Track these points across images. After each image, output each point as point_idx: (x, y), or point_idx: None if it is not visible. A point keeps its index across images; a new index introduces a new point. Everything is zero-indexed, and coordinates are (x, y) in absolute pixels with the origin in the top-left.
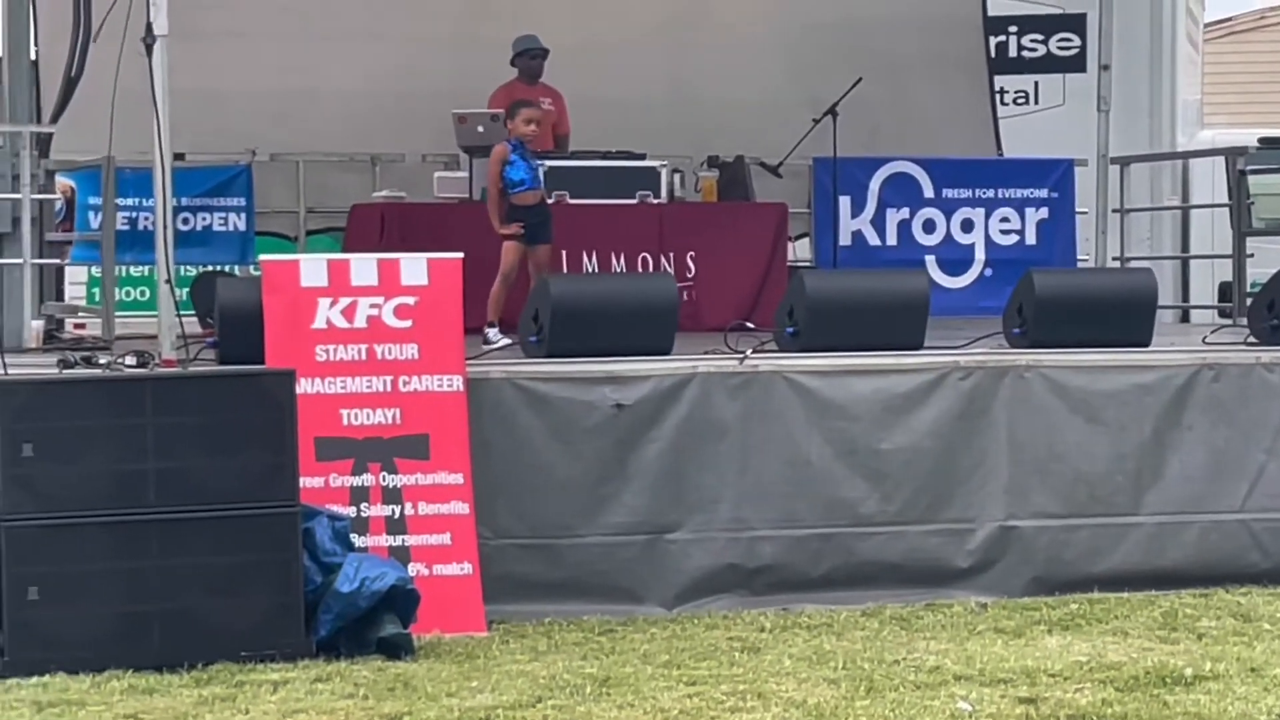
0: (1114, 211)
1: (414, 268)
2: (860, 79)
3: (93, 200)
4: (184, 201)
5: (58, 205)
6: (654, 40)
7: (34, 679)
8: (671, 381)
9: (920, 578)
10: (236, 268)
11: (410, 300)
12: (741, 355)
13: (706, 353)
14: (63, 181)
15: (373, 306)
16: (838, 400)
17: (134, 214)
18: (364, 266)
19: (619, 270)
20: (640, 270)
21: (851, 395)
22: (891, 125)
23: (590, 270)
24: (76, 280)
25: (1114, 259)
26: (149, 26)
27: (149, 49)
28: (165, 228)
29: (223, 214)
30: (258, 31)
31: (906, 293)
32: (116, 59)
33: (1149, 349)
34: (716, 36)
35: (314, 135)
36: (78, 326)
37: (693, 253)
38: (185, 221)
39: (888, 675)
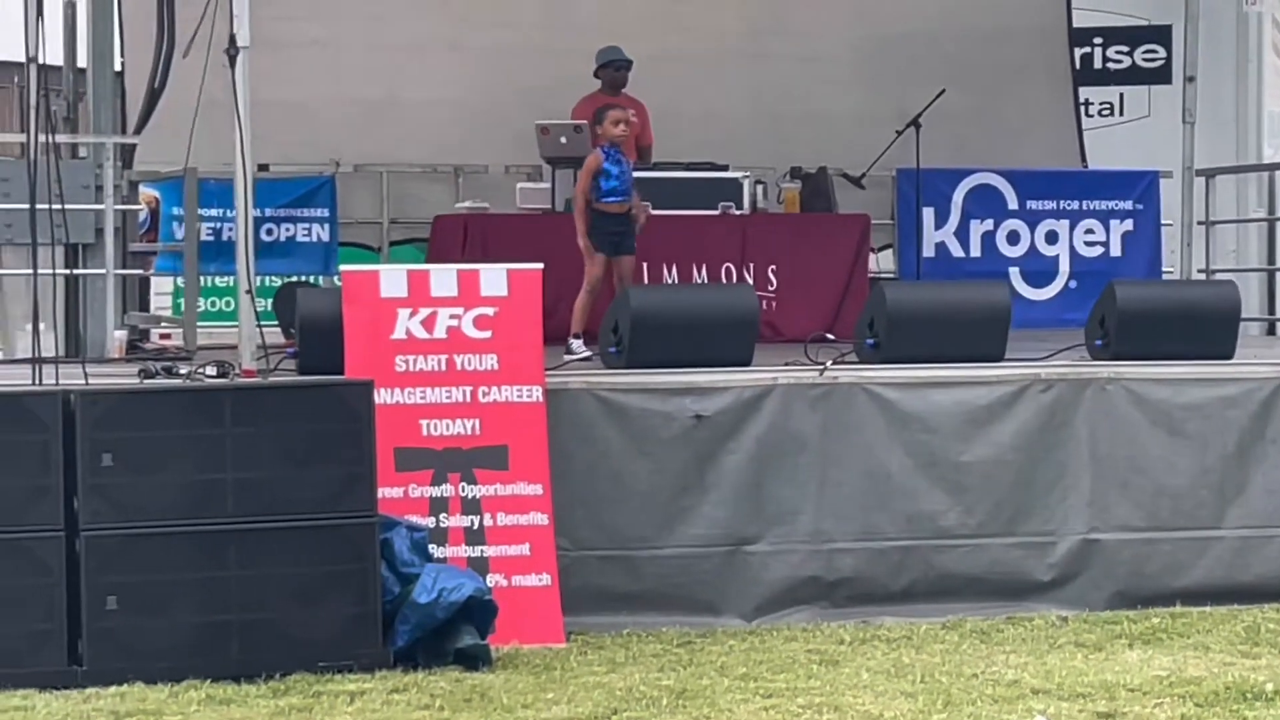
0: (1199, 224)
1: (494, 278)
2: (944, 90)
3: (176, 211)
4: (268, 212)
5: (142, 216)
6: (736, 51)
7: (112, 688)
8: (751, 393)
9: (1001, 591)
10: (320, 278)
11: (490, 311)
12: (822, 367)
13: (787, 364)
14: (147, 192)
15: (452, 317)
16: (918, 412)
17: (218, 225)
18: (444, 277)
19: (700, 281)
20: (722, 281)
21: (932, 407)
22: (976, 136)
23: (671, 281)
24: (162, 291)
25: (1199, 271)
26: (232, 38)
27: (232, 60)
28: (246, 238)
29: (306, 225)
30: (343, 41)
31: (988, 304)
32: (200, 70)
33: (1232, 361)
34: (799, 47)
35: (397, 145)
36: (163, 337)
37: (774, 265)
38: (269, 232)
39: (965, 689)
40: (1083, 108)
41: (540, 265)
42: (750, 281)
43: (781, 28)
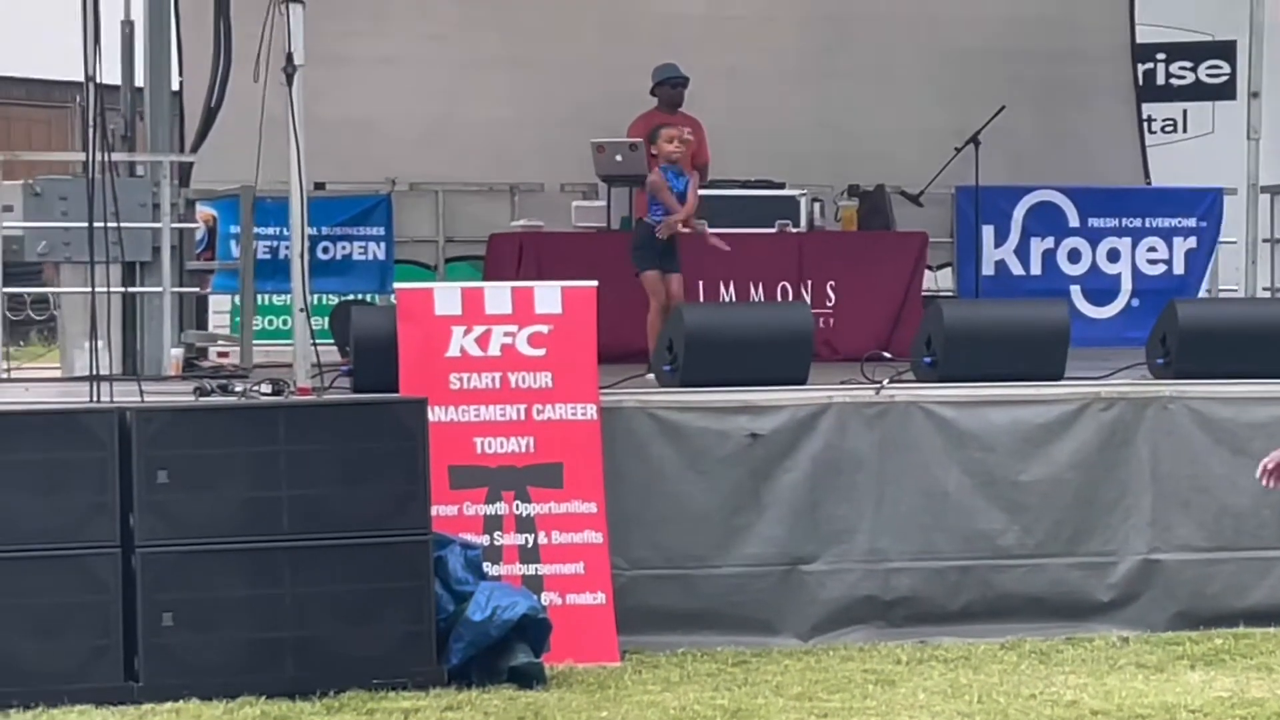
0: (1264, 241)
1: (548, 296)
2: (1003, 107)
3: (234, 229)
4: (324, 230)
5: (199, 234)
6: (796, 68)
7: (168, 704)
8: (807, 411)
9: (1060, 611)
10: (375, 297)
11: (544, 329)
12: (878, 385)
13: (842, 382)
14: (205, 211)
15: (506, 335)
16: (975, 431)
17: (275, 243)
18: (498, 295)
19: (757, 299)
20: (779, 299)
21: (989, 426)
22: (1039, 154)
23: (728, 299)
24: (220, 309)
25: (1264, 289)
26: (289, 56)
27: (289, 78)
28: (301, 256)
29: (362, 243)
30: (402, 59)
31: (1046, 323)
32: (260, 88)
33: None
34: (860, 64)
35: (454, 163)
36: (221, 355)
37: (832, 281)
38: (325, 250)
39: (1023, 710)
40: (1146, 124)
41: (595, 283)
42: (807, 299)
43: (842, 45)
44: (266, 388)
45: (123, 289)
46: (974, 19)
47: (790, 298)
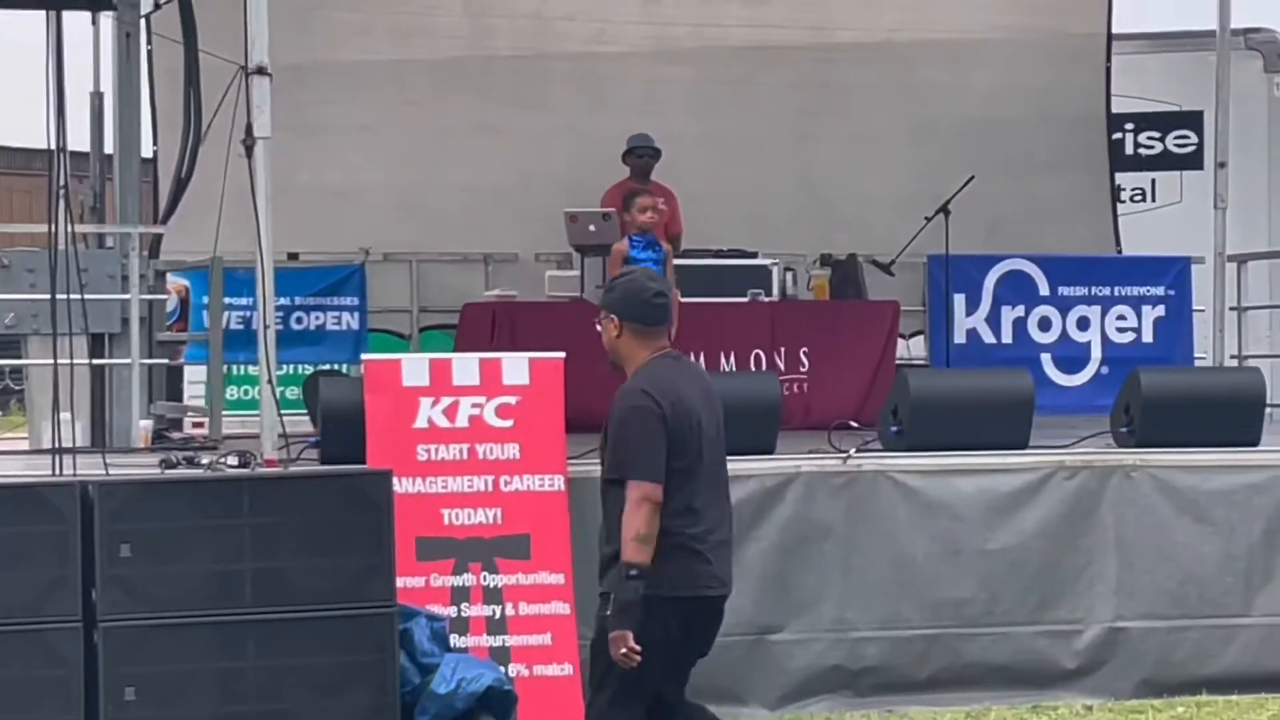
0: (1231, 309)
1: (516, 367)
2: (972, 177)
3: (206, 300)
4: (297, 300)
5: (171, 305)
6: (772, 136)
7: None
8: (775, 481)
9: (1027, 679)
10: (349, 367)
11: (512, 400)
12: (845, 454)
13: (810, 452)
14: (176, 281)
15: (474, 406)
16: (943, 499)
17: (248, 313)
18: (466, 366)
19: (729, 369)
20: (752, 364)
21: (956, 494)
22: (1013, 221)
23: None
24: (197, 379)
25: (1232, 357)
26: (249, 128)
27: (249, 150)
28: (266, 327)
29: (336, 313)
30: (377, 126)
31: (1011, 391)
32: (224, 159)
33: (1259, 448)
34: (838, 131)
35: (428, 232)
36: (195, 425)
37: (805, 348)
38: (299, 321)
39: None
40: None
41: (562, 354)
42: (781, 365)
43: (821, 112)
44: (233, 460)
45: (87, 361)
46: (952, 88)
47: (764, 364)
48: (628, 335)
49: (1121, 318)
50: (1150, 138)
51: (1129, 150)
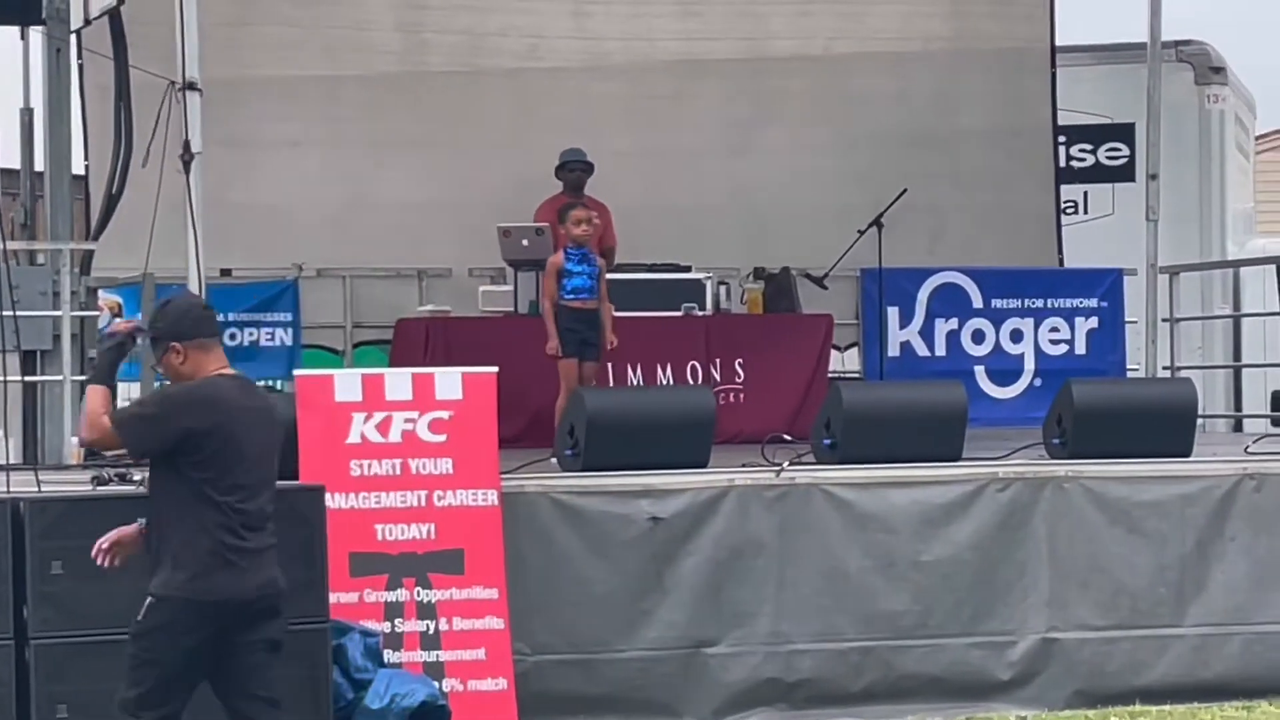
0: (1164, 321)
1: (448, 382)
2: (905, 190)
3: (139, 316)
4: (231, 317)
5: (103, 321)
6: (710, 147)
7: None
8: (708, 494)
9: (961, 691)
10: (283, 383)
11: (445, 415)
12: (778, 468)
13: (743, 465)
14: (109, 298)
15: (407, 421)
16: (876, 512)
17: None
18: (398, 381)
19: (665, 380)
20: (688, 376)
21: (890, 507)
22: (955, 232)
23: (635, 382)
24: (131, 396)
25: (1164, 368)
26: (186, 144)
27: (187, 166)
28: None
29: (270, 329)
30: (309, 141)
31: (944, 404)
32: (158, 175)
33: (1190, 459)
34: (775, 143)
35: (362, 247)
36: None
37: (741, 359)
38: (233, 337)
39: None
40: None
41: (495, 369)
42: (717, 377)
43: (758, 124)
44: None
45: (21, 378)
46: (891, 99)
47: (700, 376)
48: (193, 355)
49: (1055, 329)
50: (1082, 150)
51: (1061, 163)
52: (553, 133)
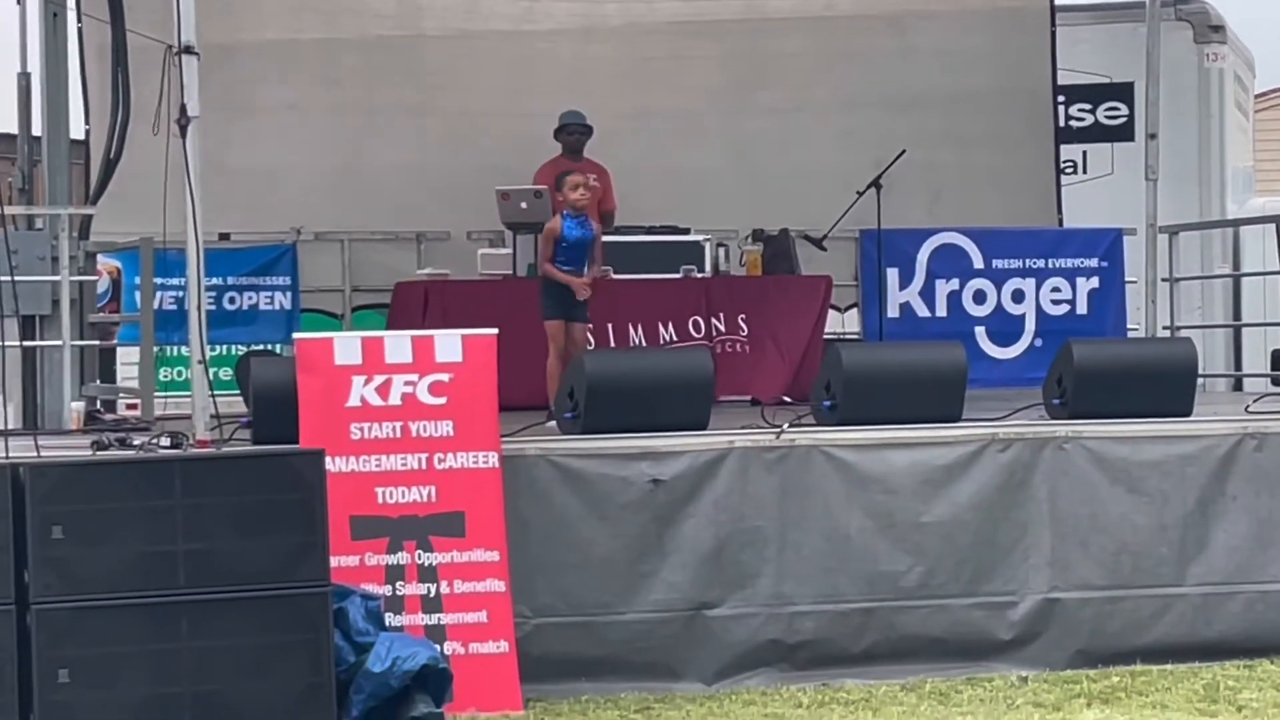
0: (1164, 280)
1: (448, 345)
2: (904, 151)
3: (138, 281)
4: (230, 281)
5: (102, 286)
6: (708, 109)
7: None
8: (708, 457)
9: (962, 651)
10: (282, 347)
11: (445, 377)
12: (778, 429)
13: (743, 427)
14: (108, 263)
15: (407, 384)
16: (876, 473)
17: (181, 294)
18: (398, 344)
19: (669, 337)
20: (691, 330)
21: (890, 468)
22: (955, 193)
23: (638, 341)
24: (130, 360)
25: (1164, 328)
26: (183, 108)
27: (184, 130)
28: (198, 308)
29: (269, 293)
30: (307, 105)
31: (944, 364)
32: (158, 139)
33: (1190, 419)
34: (773, 104)
35: (361, 211)
36: (130, 407)
37: (743, 314)
38: (231, 301)
39: None
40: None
41: (495, 331)
42: (722, 327)
43: (756, 85)
44: (165, 441)
45: (18, 343)
46: (892, 59)
47: (704, 331)
48: None
49: (1056, 289)
50: (1081, 110)
51: (1060, 123)
52: (551, 95)
